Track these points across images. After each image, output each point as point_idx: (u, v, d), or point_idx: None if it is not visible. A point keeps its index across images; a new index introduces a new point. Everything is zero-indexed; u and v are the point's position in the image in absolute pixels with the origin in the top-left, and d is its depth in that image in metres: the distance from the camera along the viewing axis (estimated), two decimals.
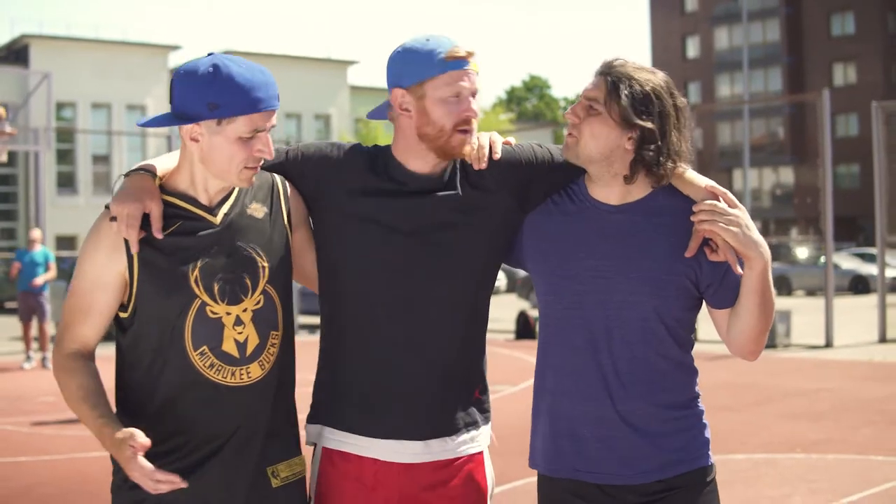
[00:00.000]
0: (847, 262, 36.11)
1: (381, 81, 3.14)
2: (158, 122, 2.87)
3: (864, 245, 46.55)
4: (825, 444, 9.11)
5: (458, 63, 2.89)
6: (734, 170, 61.07)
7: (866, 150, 24.73)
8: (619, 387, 2.92)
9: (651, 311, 2.92)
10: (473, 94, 2.94)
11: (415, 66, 2.91)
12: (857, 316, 20.72)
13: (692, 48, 70.96)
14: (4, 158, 18.03)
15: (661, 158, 2.88)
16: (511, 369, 15.06)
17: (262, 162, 2.87)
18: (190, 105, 2.76)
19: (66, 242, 44.72)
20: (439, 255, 2.95)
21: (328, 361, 3.05)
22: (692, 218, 2.89)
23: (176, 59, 55.34)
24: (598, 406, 2.94)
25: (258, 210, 2.95)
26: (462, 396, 3.02)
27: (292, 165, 3.06)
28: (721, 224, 2.84)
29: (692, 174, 2.99)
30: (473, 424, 3.03)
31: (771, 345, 17.10)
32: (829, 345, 17.50)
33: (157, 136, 39.70)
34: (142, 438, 2.59)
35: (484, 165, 3.00)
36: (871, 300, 24.55)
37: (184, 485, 2.64)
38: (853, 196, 54.05)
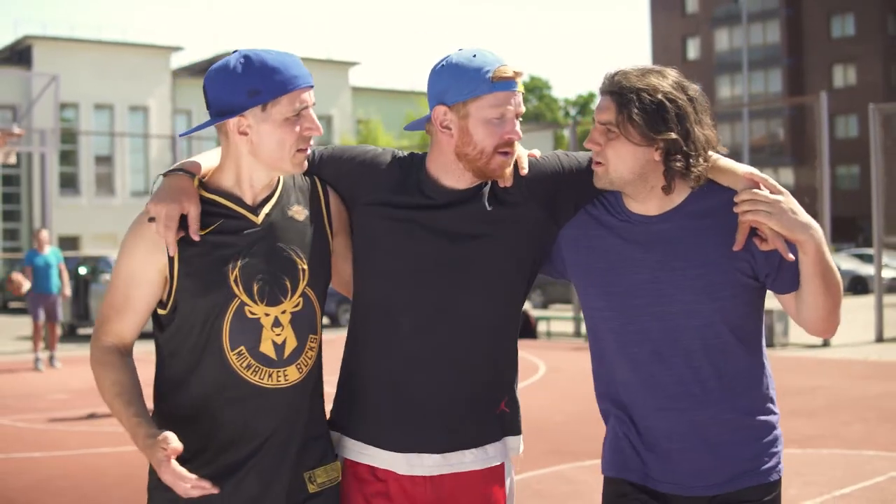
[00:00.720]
0: (846, 262, 36.29)
1: (382, 82, 3.16)
2: (202, 126, 2.91)
3: (863, 246, 46.70)
4: (819, 439, 9.32)
5: (506, 84, 2.82)
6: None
7: (866, 151, 24.79)
8: (688, 397, 2.86)
9: (713, 315, 2.84)
10: (518, 116, 2.86)
11: (460, 84, 2.83)
12: (855, 316, 20.79)
13: (692, 49, 71.06)
14: (13, 160, 18.25)
15: (690, 161, 2.79)
16: None
17: (312, 142, 2.86)
18: (230, 98, 2.75)
19: (68, 243, 44.79)
20: (466, 268, 2.90)
21: (351, 370, 3.02)
22: (735, 209, 2.80)
23: (178, 60, 55.37)
24: (666, 417, 2.89)
25: (299, 212, 2.93)
26: (485, 409, 2.97)
27: (326, 168, 3.03)
28: (764, 212, 2.75)
29: (727, 162, 2.91)
30: (494, 437, 2.98)
31: (769, 344, 17.32)
32: (826, 344, 17.71)
33: (161, 139, 39.81)
34: (175, 443, 2.58)
35: (510, 183, 2.94)
36: (869, 300, 24.65)
37: (215, 490, 2.64)
38: (853, 197, 54.16)
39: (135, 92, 51.70)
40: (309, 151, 2.89)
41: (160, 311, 2.85)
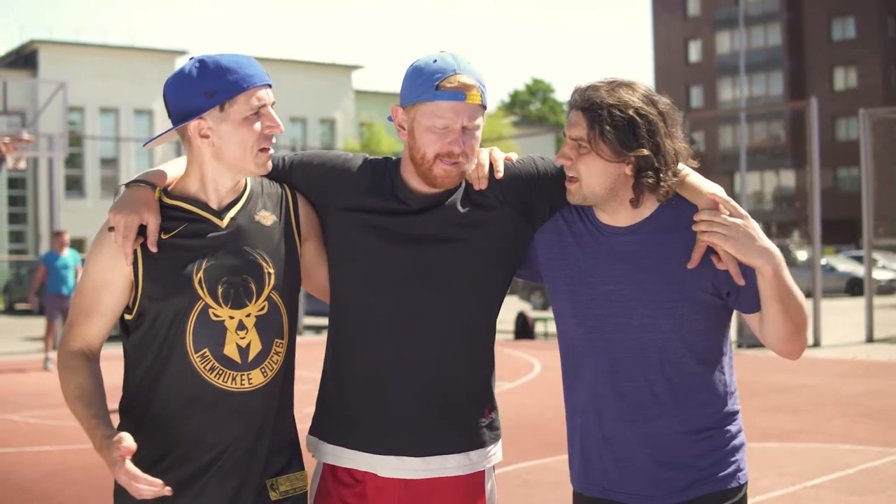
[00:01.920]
0: (844, 264, 36.61)
1: (385, 86, 3.21)
2: (163, 134, 2.93)
3: (862, 248, 47.05)
4: (798, 433, 9.72)
5: (451, 94, 2.78)
6: (735, 173, 61.30)
7: (883, 152, 24.96)
8: (645, 409, 2.87)
9: (669, 332, 2.84)
10: (466, 129, 2.81)
11: (412, 87, 2.82)
12: (850, 317, 21.21)
13: (694, 52, 71.30)
14: (23, 165, 18.67)
15: (661, 176, 2.80)
16: (509, 367, 15.68)
17: (274, 140, 2.86)
18: (188, 102, 2.78)
19: (74, 245, 45.03)
20: (441, 272, 2.88)
21: (331, 375, 3.02)
22: (693, 227, 2.82)
23: (182, 64, 55.73)
24: (623, 427, 2.89)
25: (266, 217, 2.92)
26: (465, 415, 2.96)
27: (296, 175, 3.03)
28: (720, 234, 2.76)
29: (695, 179, 2.90)
30: (479, 444, 2.97)
31: (760, 344, 17.70)
32: (816, 344, 18.04)
33: (166, 145, 40.24)
34: (128, 442, 2.58)
35: (484, 185, 2.93)
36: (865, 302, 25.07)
37: (167, 492, 2.62)
38: (854, 199, 54.34)
39: (140, 96, 52.01)
40: (278, 154, 2.94)
41: (126, 317, 2.87)
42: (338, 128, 57.48)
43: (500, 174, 2.95)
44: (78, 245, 50.32)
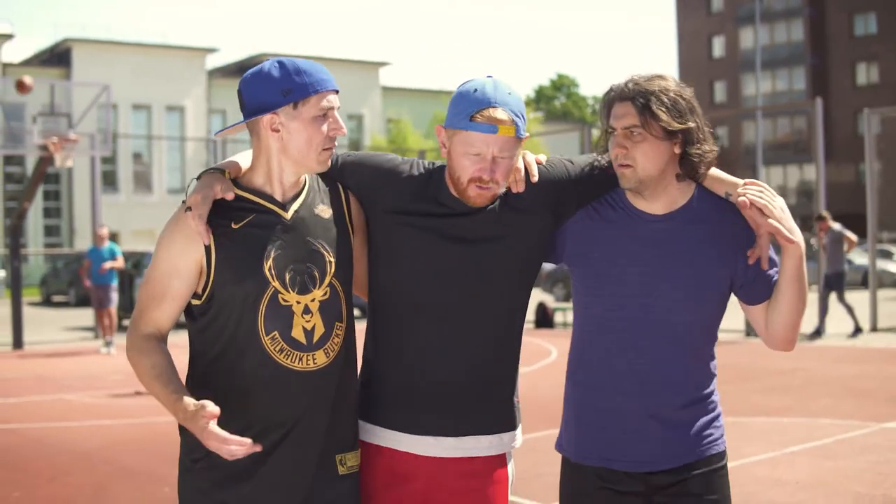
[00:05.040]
0: (860, 257, 37.13)
1: (412, 82, 3.33)
2: (234, 125, 3.09)
3: (882, 241, 47.53)
4: (785, 409, 10.58)
5: (484, 127, 2.92)
6: (758, 168, 61.99)
7: (888, 149, 25.39)
8: (652, 384, 3.03)
9: (691, 315, 3.03)
10: (496, 159, 2.95)
11: (453, 113, 2.98)
12: (861, 309, 21.52)
13: (718, 48, 71.49)
14: (70, 163, 19.67)
15: (704, 148, 2.99)
16: (528, 353, 16.60)
17: (336, 142, 3.01)
18: (265, 98, 2.93)
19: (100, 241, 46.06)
20: (480, 268, 3.05)
21: (373, 361, 3.17)
22: (738, 196, 2.97)
23: (213, 62, 56.14)
24: (629, 401, 3.05)
25: (325, 211, 3.07)
26: (499, 398, 3.13)
27: (347, 174, 3.17)
28: (769, 201, 2.95)
29: (721, 173, 3.12)
30: (507, 427, 3.14)
31: None
32: (819, 333, 18.72)
33: (196, 141, 40.90)
34: (212, 407, 2.69)
35: (522, 188, 3.08)
36: (880, 294, 25.51)
37: (258, 448, 2.76)
38: (875, 193, 54.75)
39: (172, 93, 52.95)
40: (344, 135, 3.04)
41: (194, 302, 2.99)
42: (365, 124, 58.11)
43: (535, 178, 3.10)
44: (112, 239, 50.67)
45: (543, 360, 15.84)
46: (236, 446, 2.71)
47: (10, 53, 77.57)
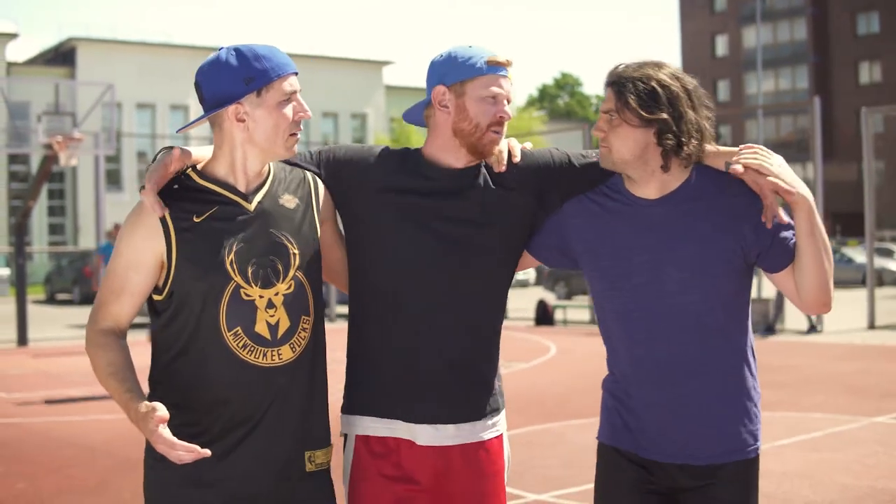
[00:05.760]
0: (861, 256, 37.24)
1: (415, 81, 3.34)
2: (197, 120, 2.98)
3: (883, 240, 47.61)
4: (778, 404, 10.70)
5: (497, 68, 3.09)
6: None
7: (890, 148, 25.42)
8: (680, 374, 3.01)
9: (706, 291, 2.99)
10: (507, 99, 3.12)
11: (458, 67, 3.09)
12: (861, 306, 21.61)
13: (721, 47, 71.58)
14: (75, 162, 19.82)
15: (682, 139, 2.96)
16: (527, 350, 16.98)
17: (301, 127, 2.97)
18: (227, 88, 2.86)
19: (111, 237, 46.12)
20: (466, 250, 3.09)
21: (360, 352, 3.18)
22: (734, 164, 2.96)
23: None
24: (659, 392, 3.03)
25: (290, 201, 3.02)
26: (486, 384, 3.16)
27: (325, 165, 3.18)
28: (766, 162, 2.94)
29: (718, 147, 3.10)
30: (495, 411, 3.18)
31: (766, 330, 18.80)
32: (818, 330, 19.03)
33: (200, 139, 41.14)
34: (162, 411, 2.65)
35: (504, 168, 3.16)
36: (880, 292, 25.65)
37: (207, 453, 2.69)
38: (879, 191, 54.76)
39: (175, 92, 53.09)
40: (309, 150, 3.08)
41: (156, 297, 2.94)
42: (369, 123, 58.22)
43: (517, 158, 3.21)
44: (114, 238, 50.86)
45: (542, 357, 16.03)
46: (184, 452, 2.66)
47: (15, 53, 77.82)
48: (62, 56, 53.47)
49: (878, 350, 16.16)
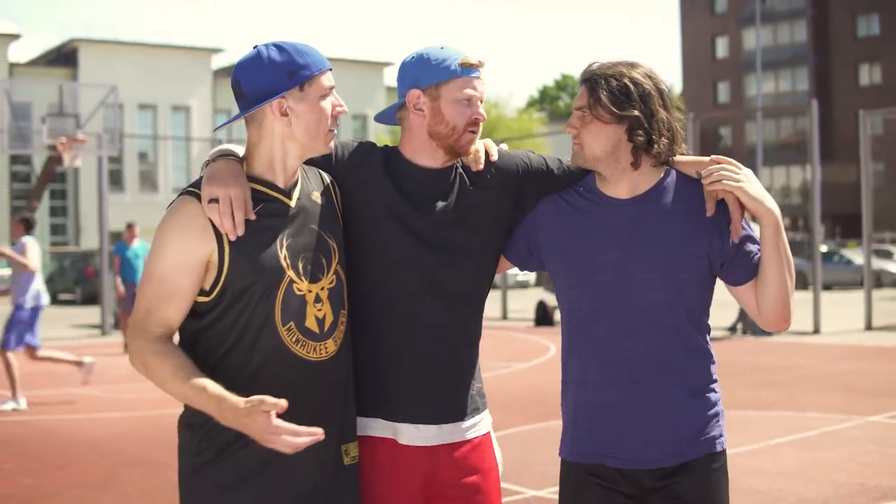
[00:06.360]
0: (860, 257, 37.30)
1: None
2: (240, 115, 2.95)
3: (884, 242, 47.68)
4: (774, 403, 10.86)
5: (470, 70, 3.10)
6: (762, 168, 62.18)
7: (889, 150, 25.46)
8: (642, 373, 3.01)
9: (672, 294, 3.00)
10: (481, 100, 3.14)
11: (432, 70, 3.09)
12: (859, 308, 21.67)
13: (721, 48, 71.70)
14: (79, 163, 19.98)
15: (653, 137, 2.98)
16: (527, 350, 17.17)
17: (338, 123, 2.99)
18: (267, 84, 2.86)
19: (113, 237, 46.20)
20: (447, 248, 3.11)
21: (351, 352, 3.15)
22: (703, 180, 3.00)
23: (218, 62, 56.48)
24: (620, 393, 3.02)
25: (318, 198, 3.03)
26: (467, 384, 3.18)
27: (338, 162, 3.18)
28: (732, 177, 2.95)
29: (687, 157, 3.12)
30: (477, 410, 3.19)
31: (762, 331, 18.81)
32: (816, 331, 19.09)
33: (202, 141, 41.31)
34: (273, 398, 2.60)
35: (481, 167, 3.19)
36: (879, 294, 25.76)
37: (321, 437, 2.69)
38: (878, 193, 54.86)
39: (177, 92, 53.20)
40: (346, 113, 3.06)
41: (200, 299, 2.87)
42: (370, 124, 58.25)
43: (494, 157, 3.24)
44: (116, 238, 51.10)
45: (542, 357, 16.13)
46: (307, 437, 2.64)
47: (17, 53, 77.91)
48: (64, 57, 53.54)
49: (874, 350, 16.28)
